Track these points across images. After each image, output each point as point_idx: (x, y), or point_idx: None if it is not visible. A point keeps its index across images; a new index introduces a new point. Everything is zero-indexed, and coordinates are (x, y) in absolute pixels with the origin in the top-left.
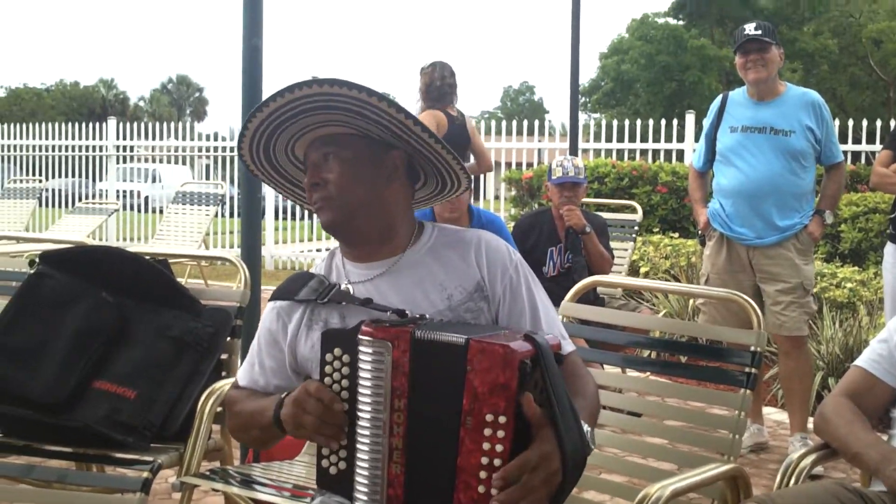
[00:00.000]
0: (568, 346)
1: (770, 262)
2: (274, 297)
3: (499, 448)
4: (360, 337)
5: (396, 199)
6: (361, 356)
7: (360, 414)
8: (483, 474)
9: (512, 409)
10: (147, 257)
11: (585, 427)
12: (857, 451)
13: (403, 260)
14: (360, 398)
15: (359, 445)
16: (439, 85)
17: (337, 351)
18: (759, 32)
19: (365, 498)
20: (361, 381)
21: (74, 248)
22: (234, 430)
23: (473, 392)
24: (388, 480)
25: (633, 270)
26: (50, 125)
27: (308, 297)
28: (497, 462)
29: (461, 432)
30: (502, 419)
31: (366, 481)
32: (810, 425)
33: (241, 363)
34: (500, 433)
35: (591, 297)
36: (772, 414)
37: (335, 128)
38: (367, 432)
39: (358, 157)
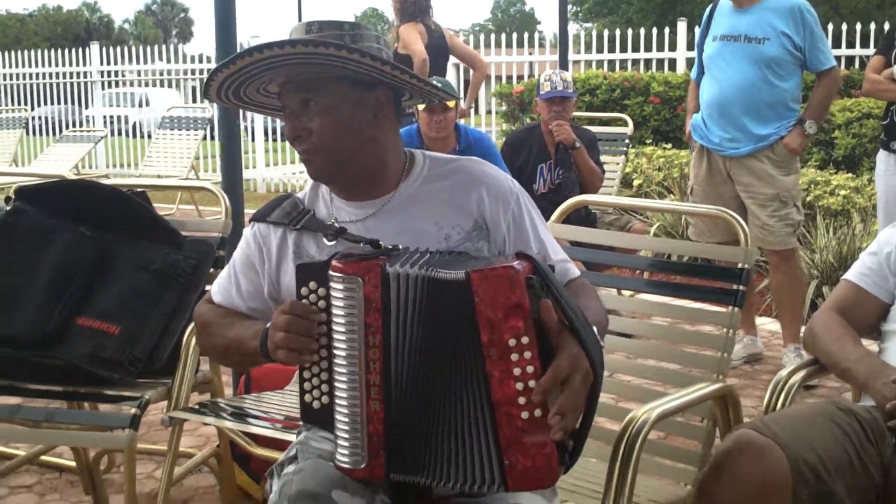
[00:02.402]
0: (574, 272)
1: (744, 173)
2: (252, 219)
3: (530, 369)
4: (331, 273)
5: (386, 138)
6: (333, 292)
7: (335, 351)
8: (522, 400)
9: (531, 326)
10: (125, 190)
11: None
12: (846, 367)
13: (396, 198)
14: (335, 335)
15: (337, 382)
16: (414, 0)
17: (312, 284)
18: None
19: (346, 435)
20: (335, 319)
21: (50, 183)
22: (209, 353)
23: (488, 321)
24: (368, 416)
25: (627, 183)
26: (33, 52)
27: (280, 219)
28: (532, 383)
29: (486, 365)
30: (525, 339)
31: (345, 418)
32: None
33: None
34: (527, 353)
35: (582, 212)
36: (766, 324)
37: (310, 68)
38: (343, 370)
39: (340, 101)
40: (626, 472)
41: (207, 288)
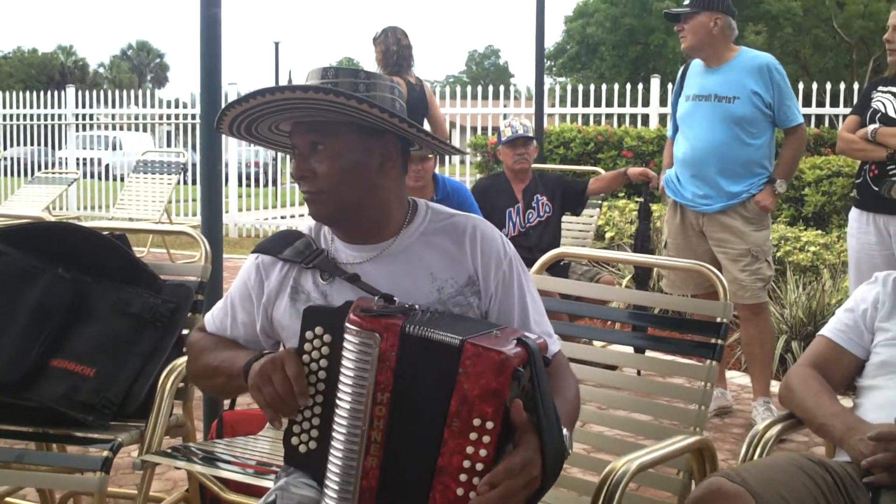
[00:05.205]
0: (554, 346)
1: (717, 228)
2: (257, 251)
3: (482, 453)
4: (348, 325)
5: (391, 186)
6: (347, 345)
7: (339, 403)
8: (463, 477)
9: (500, 415)
10: (105, 232)
11: (564, 431)
12: (823, 422)
13: (395, 245)
14: (342, 388)
15: (335, 433)
16: (396, 49)
17: (318, 330)
18: (686, 1)
19: (336, 487)
20: (344, 371)
21: (29, 224)
22: (197, 377)
23: (463, 395)
24: (364, 472)
25: (599, 235)
26: (8, 93)
27: (293, 257)
28: (479, 466)
29: (445, 433)
30: (489, 425)
31: (338, 471)
32: (773, 389)
33: None
34: (486, 438)
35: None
36: (735, 378)
37: (322, 113)
38: (345, 423)
39: (348, 147)
40: None
41: (185, 332)
